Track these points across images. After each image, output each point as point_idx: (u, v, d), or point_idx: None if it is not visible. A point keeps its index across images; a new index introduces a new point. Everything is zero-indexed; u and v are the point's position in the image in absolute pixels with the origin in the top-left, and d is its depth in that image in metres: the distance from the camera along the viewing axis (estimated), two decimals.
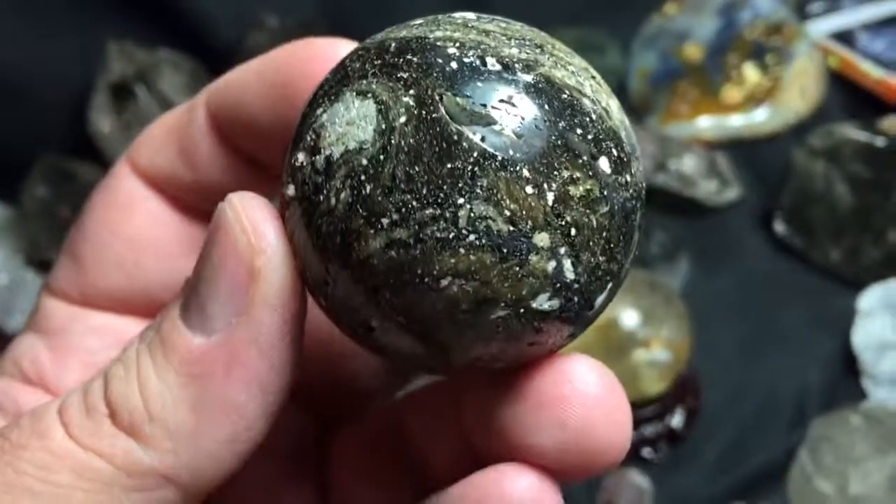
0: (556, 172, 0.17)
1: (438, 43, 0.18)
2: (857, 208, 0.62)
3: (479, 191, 0.17)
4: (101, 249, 0.24)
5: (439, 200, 0.17)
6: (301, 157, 0.19)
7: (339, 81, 0.19)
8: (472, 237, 0.17)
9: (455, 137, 0.17)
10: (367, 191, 0.18)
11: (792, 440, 0.54)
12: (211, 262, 0.19)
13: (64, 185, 0.65)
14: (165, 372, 0.19)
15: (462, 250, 0.17)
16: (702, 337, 0.57)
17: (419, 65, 0.18)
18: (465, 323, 0.18)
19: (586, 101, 0.18)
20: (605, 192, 0.18)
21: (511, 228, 0.17)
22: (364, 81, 0.19)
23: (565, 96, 0.18)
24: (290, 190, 0.19)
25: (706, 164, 0.68)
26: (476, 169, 0.17)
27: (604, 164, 0.18)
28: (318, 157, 0.18)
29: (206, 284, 0.19)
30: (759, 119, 0.72)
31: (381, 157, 0.18)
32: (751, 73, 0.74)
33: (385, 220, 0.17)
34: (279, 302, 0.19)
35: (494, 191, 0.17)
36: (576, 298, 0.18)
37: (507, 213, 0.17)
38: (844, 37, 0.81)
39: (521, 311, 0.18)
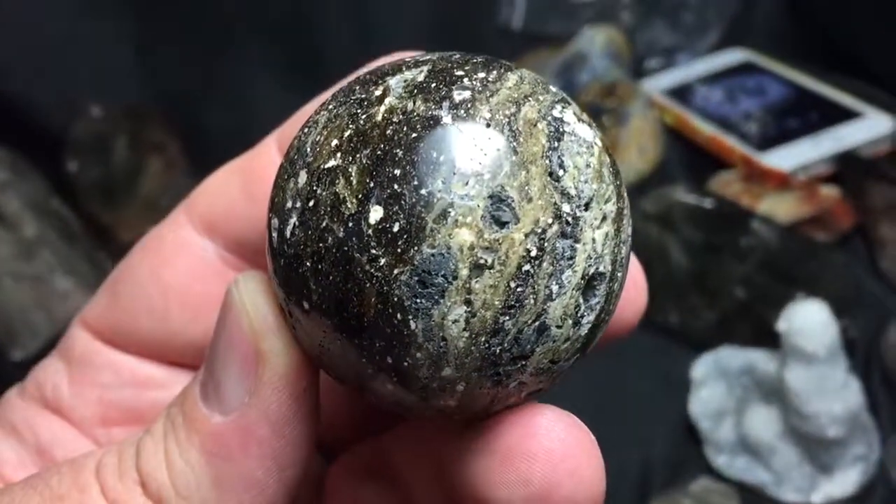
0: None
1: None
2: (692, 271, 0.63)
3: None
4: (136, 293, 0.24)
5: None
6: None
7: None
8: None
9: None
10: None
11: None
12: (223, 342, 0.20)
13: None
14: (188, 452, 0.20)
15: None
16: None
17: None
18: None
19: None
20: None
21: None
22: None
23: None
24: None
25: None
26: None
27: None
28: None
29: (220, 364, 0.20)
30: None
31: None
32: None
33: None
34: (285, 381, 0.19)
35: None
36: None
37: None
38: (682, 91, 0.83)
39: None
